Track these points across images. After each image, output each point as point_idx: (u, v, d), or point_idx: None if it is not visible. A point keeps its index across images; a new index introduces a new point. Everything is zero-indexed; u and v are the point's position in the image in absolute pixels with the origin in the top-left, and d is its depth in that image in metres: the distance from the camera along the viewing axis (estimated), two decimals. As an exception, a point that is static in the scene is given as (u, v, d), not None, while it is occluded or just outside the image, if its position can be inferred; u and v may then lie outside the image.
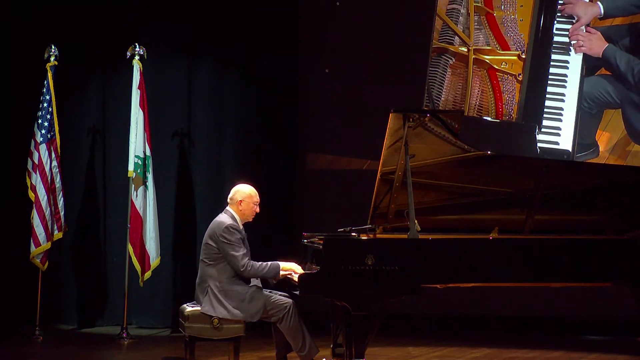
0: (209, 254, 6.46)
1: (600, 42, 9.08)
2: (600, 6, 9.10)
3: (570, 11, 9.14)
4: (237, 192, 6.59)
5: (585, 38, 9.10)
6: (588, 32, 9.10)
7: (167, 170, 9.49)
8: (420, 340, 8.65)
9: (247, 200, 6.55)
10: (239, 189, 6.60)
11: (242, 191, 6.59)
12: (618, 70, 9.04)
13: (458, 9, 9.31)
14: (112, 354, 8.27)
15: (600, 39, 9.08)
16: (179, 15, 9.51)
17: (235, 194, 6.58)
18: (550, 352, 8.20)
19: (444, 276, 6.10)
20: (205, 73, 9.61)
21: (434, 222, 6.51)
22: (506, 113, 9.25)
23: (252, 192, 6.59)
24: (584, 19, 9.11)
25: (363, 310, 5.95)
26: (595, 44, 9.09)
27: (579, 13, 9.12)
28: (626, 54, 9.05)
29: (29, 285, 8.85)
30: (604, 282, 6.39)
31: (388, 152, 6.20)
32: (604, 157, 9.11)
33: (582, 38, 9.10)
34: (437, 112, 7.27)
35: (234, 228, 6.43)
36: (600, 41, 9.08)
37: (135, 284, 8.89)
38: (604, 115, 9.16)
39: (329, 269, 5.96)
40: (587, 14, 9.11)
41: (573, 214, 6.65)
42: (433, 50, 9.34)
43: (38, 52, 8.96)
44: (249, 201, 6.56)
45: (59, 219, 8.81)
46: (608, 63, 9.09)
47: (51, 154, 8.72)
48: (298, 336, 6.37)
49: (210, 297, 6.39)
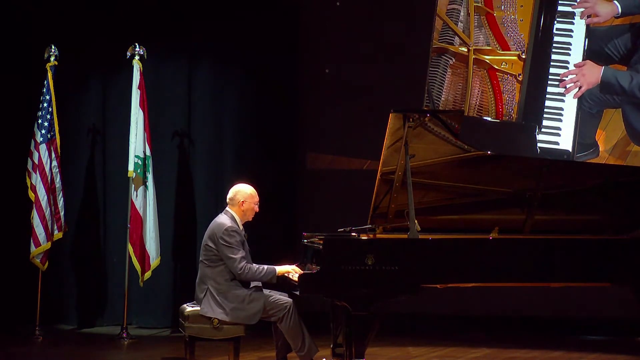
0: (208, 256, 6.46)
1: (594, 69, 9.03)
2: (617, 5, 9.08)
3: (591, 11, 9.10)
4: (238, 192, 6.58)
5: (578, 75, 9.06)
6: (577, 66, 9.07)
7: (167, 170, 9.49)
8: (420, 340, 8.65)
9: (249, 200, 6.55)
10: (240, 190, 6.59)
11: (243, 192, 6.58)
12: (622, 90, 8.98)
13: (458, 9, 9.31)
14: (112, 354, 8.26)
15: (592, 66, 9.04)
16: (179, 15, 9.51)
17: (237, 195, 6.57)
18: (550, 352, 8.20)
19: (444, 276, 6.10)
20: (205, 73, 9.61)
21: (434, 222, 6.51)
22: (506, 113, 9.25)
23: (252, 192, 6.59)
24: (602, 17, 9.08)
25: (363, 310, 5.95)
26: (590, 74, 9.03)
27: (599, 11, 9.07)
28: (625, 72, 8.99)
29: (29, 285, 8.85)
30: (604, 282, 6.39)
31: (388, 152, 6.20)
32: (604, 157, 9.10)
33: (575, 78, 9.05)
34: (437, 112, 7.28)
35: (234, 230, 6.42)
36: (594, 68, 9.03)
37: (135, 284, 8.89)
38: (604, 115, 9.16)
39: (329, 269, 5.97)
40: (607, 13, 9.08)
41: (573, 214, 6.65)
42: (433, 51, 9.34)
43: (38, 52, 8.96)
44: (250, 201, 6.55)
45: (59, 219, 8.81)
46: (609, 85, 9.03)
47: (51, 154, 8.72)
48: (298, 336, 6.37)
49: (209, 299, 6.39)
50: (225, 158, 9.57)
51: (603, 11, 9.09)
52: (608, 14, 9.09)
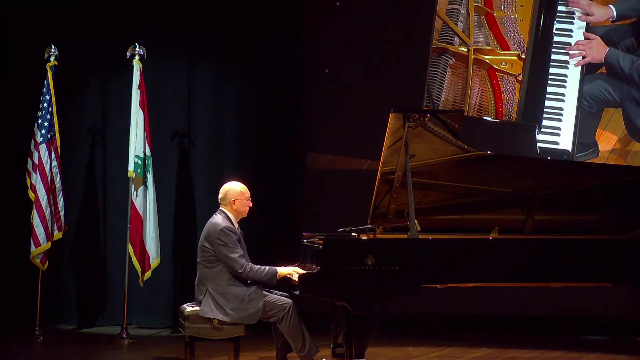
0: (205, 257, 6.45)
1: (601, 46, 9.06)
2: (612, 9, 9.08)
3: (587, 10, 9.09)
4: (228, 192, 6.56)
5: (585, 46, 9.08)
6: (587, 38, 9.09)
7: (167, 170, 9.49)
8: (420, 340, 8.65)
9: (240, 198, 6.54)
10: (230, 189, 6.57)
11: (233, 190, 6.56)
12: (622, 72, 9.01)
13: (458, 9, 9.31)
14: (112, 354, 8.26)
15: (600, 44, 9.06)
16: (179, 15, 9.51)
17: (227, 194, 6.56)
18: (550, 352, 8.19)
19: (443, 276, 6.10)
20: (205, 73, 9.61)
21: (434, 222, 6.51)
22: (506, 113, 9.25)
23: (242, 189, 6.56)
24: (596, 18, 9.06)
25: (363, 310, 5.95)
26: (596, 50, 9.06)
27: (592, 12, 9.08)
28: (628, 55, 9.04)
29: (29, 285, 8.85)
30: (604, 282, 6.40)
31: (388, 152, 6.20)
32: (604, 157, 9.10)
33: (582, 47, 9.08)
34: (437, 112, 7.28)
35: (229, 230, 6.41)
36: (601, 46, 9.06)
37: (135, 284, 8.89)
38: (604, 114, 9.16)
39: (328, 269, 5.97)
40: (601, 15, 9.08)
41: (573, 214, 6.65)
42: (433, 50, 9.34)
43: (38, 52, 8.96)
44: (241, 199, 6.54)
45: (59, 219, 8.81)
46: (611, 66, 9.06)
47: (51, 154, 8.72)
48: (298, 336, 6.37)
49: (209, 300, 6.38)
50: (225, 158, 9.57)
51: (597, 12, 9.10)
52: (602, 16, 9.10)
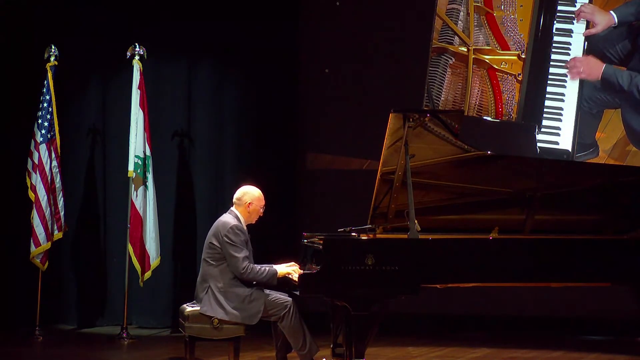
0: (212, 254, 6.44)
1: (598, 64, 9.05)
2: (613, 15, 9.09)
3: (591, 18, 9.10)
4: (246, 194, 6.54)
5: (582, 63, 9.08)
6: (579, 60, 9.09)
7: (167, 170, 9.49)
8: (420, 340, 8.66)
9: (256, 203, 6.52)
10: (248, 191, 6.56)
11: (251, 193, 6.54)
12: (621, 88, 8.99)
13: (458, 8, 9.32)
14: (112, 354, 8.27)
15: (597, 62, 9.06)
16: (179, 15, 9.51)
17: (244, 196, 6.54)
18: (550, 352, 8.20)
19: (443, 276, 6.10)
20: (205, 73, 9.62)
21: (434, 222, 6.51)
22: (506, 113, 9.26)
23: (260, 195, 6.55)
24: (600, 27, 9.08)
25: (363, 310, 5.95)
26: (593, 67, 9.06)
27: (596, 20, 9.08)
28: (625, 71, 9.02)
29: (29, 285, 8.85)
30: (604, 282, 6.40)
31: (388, 152, 6.20)
32: (603, 157, 9.11)
33: (579, 63, 9.08)
34: (437, 112, 7.28)
35: (239, 229, 6.41)
36: (598, 63, 9.05)
37: (135, 284, 8.89)
38: (603, 115, 9.17)
39: (328, 269, 5.96)
40: (604, 23, 9.09)
41: (573, 214, 6.65)
42: (433, 50, 9.34)
43: (38, 52, 8.96)
44: (257, 204, 6.52)
45: (59, 219, 8.81)
46: (609, 83, 9.04)
47: (51, 154, 8.72)
48: (298, 335, 6.37)
49: (210, 298, 6.38)
50: (225, 158, 9.58)
51: (601, 21, 9.10)
52: (605, 24, 9.10)
